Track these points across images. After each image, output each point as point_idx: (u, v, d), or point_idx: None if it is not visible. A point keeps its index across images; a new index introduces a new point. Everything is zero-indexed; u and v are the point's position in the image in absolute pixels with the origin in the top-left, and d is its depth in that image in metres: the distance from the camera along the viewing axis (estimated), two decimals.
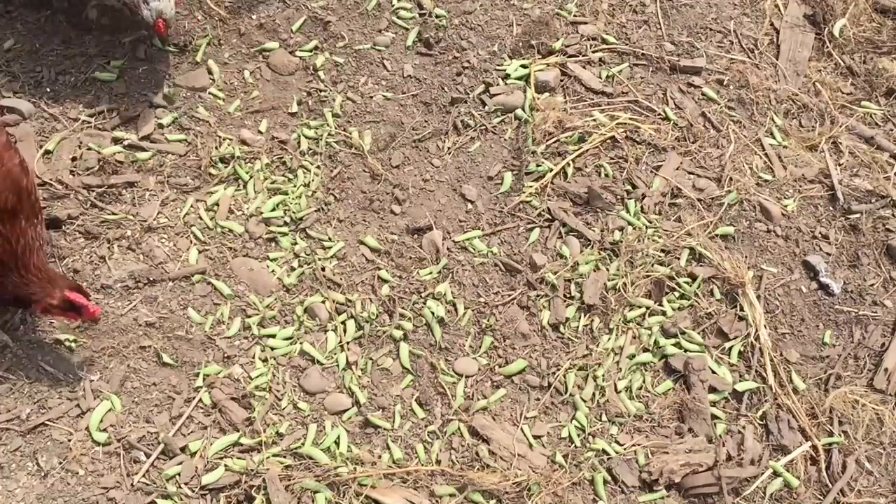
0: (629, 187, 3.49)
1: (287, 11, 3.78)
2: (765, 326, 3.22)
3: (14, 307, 2.89)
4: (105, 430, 2.77)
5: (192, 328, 3.00)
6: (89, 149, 3.29)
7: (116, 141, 3.34)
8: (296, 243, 3.22)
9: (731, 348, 3.19)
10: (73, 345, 2.89)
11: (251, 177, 3.34)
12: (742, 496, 2.92)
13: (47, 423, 2.77)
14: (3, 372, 2.84)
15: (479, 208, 3.41)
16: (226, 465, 2.75)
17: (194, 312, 3.03)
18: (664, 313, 3.23)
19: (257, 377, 2.94)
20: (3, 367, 2.85)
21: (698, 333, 3.20)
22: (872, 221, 3.54)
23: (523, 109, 3.63)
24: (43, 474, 2.70)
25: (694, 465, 2.91)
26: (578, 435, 2.98)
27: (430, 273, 3.22)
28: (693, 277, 3.30)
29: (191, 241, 3.18)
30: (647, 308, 3.23)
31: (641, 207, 3.44)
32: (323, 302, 3.11)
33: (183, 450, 2.77)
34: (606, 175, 3.50)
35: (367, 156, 3.45)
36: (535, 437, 2.96)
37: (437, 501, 2.79)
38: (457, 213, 3.39)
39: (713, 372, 3.12)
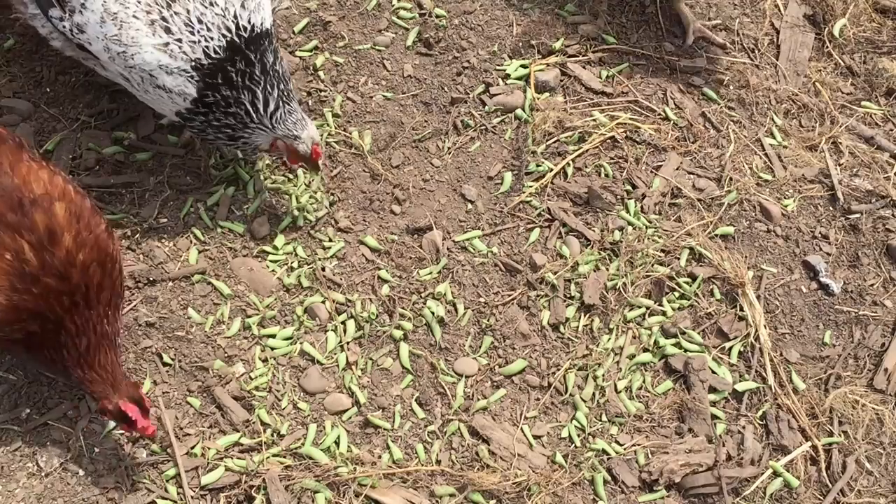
0: (629, 187, 3.49)
1: (287, 11, 3.78)
2: (765, 326, 3.22)
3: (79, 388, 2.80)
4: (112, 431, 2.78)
5: (192, 328, 3.00)
6: (89, 149, 3.29)
7: (116, 141, 3.34)
8: (295, 242, 3.23)
9: (731, 348, 3.19)
10: None
11: (251, 177, 3.34)
12: (742, 496, 2.92)
13: (47, 423, 2.77)
14: (3, 372, 2.84)
15: (479, 208, 3.41)
16: (226, 465, 2.75)
17: (194, 312, 3.03)
18: (664, 313, 3.23)
19: (257, 377, 2.94)
20: (3, 368, 2.85)
21: (698, 333, 3.20)
22: (872, 221, 3.54)
23: (523, 109, 3.63)
24: (43, 474, 2.70)
25: (694, 465, 2.91)
26: (578, 435, 2.98)
27: (430, 273, 3.22)
28: (693, 277, 3.30)
29: (191, 241, 3.17)
30: (647, 308, 3.23)
31: (641, 207, 3.44)
32: (323, 302, 3.11)
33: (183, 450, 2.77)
34: (606, 175, 3.50)
35: (367, 156, 3.45)
36: (535, 437, 2.96)
37: (437, 501, 2.79)
38: (457, 213, 3.39)
39: (713, 372, 3.12)
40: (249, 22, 2.93)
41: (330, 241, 3.26)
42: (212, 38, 2.86)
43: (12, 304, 2.37)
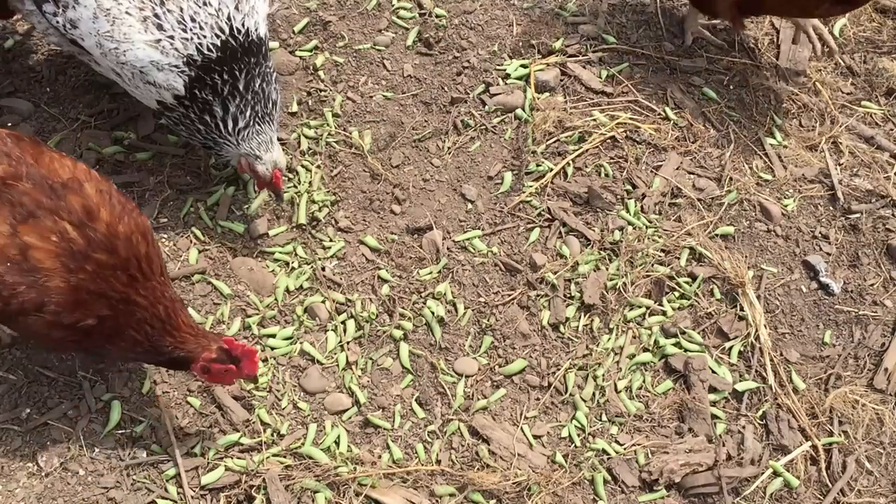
0: (629, 187, 3.49)
1: (287, 11, 3.78)
2: (765, 326, 3.22)
3: (170, 369, 2.80)
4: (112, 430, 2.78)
5: None
6: (89, 149, 3.29)
7: (116, 141, 3.34)
8: (295, 241, 3.23)
9: (731, 348, 3.19)
10: None
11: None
12: (742, 496, 2.92)
13: (47, 423, 2.77)
14: (3, 372, 2.85)
15: (479, 208, 3.41)
16: (226, 465, 2.75)
17: (194, 312, 3.03)
18: (664, 313, 3.23)
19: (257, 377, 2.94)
20: (4, 368, 2.85)
21: (698, 333, 3.20)
22: (872, 221, 3.54)
23: (523, 109, 3.63)
24: (43, 474, 2.70)
25: (694, 464, 2.91)
26: (578, 435, 2.98)
27: (430, 273, 3.22)
28: (693, 277, 3.30)
29: (191, 241, 3.17)
30: (647, 308, 3.23)
31: (641, 207, 3.44)
32: (323, 302, 3.11)
33: (184, 450, 2.77)
34: (606, 175, 3.50)
35: (367, 156, 3.45)
36: (535, 436, 2.96)
37: (437, 501, 2.79)
38: (457, 213, 3.39)
39: (713, 372, 3.12)
40: (244, 25, 2.93)
41: (330, 240, 3.26)
42: (205, 37, 2.86)
43: (70, 285, 2.38)
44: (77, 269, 2.38)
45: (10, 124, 3.30)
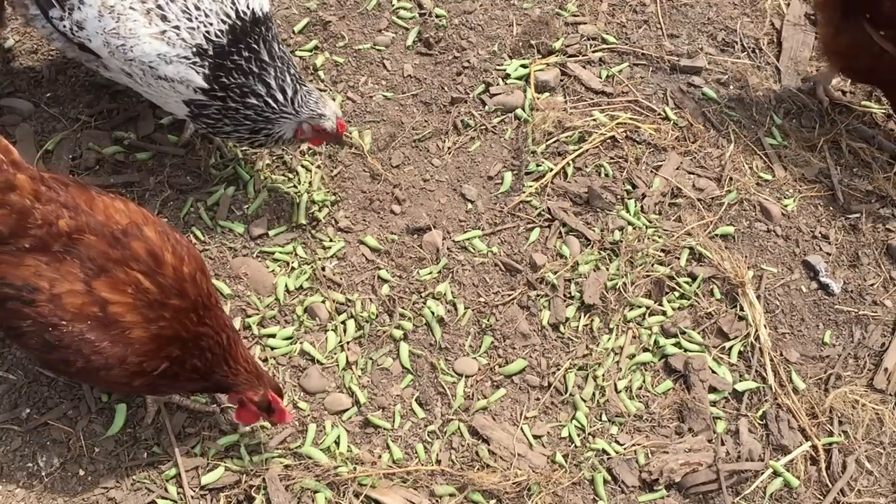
0: (629, 187, 3.49)
1: (287, 11, 3.78)
2: (765, 326, 3.22)
3: (208, 393, 2.80)
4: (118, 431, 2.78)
5: None
6: (89, 149, 3.29)
7: (116, 141, 3.34)
8: (295, 241, 3.23)
9: (731, 348, 3.19)
10: None
11: (251, 177, 3.34)
12: (742, 496, 2.92)
13: (47, 423, 2.77)
14: (3, 372, 2.85)
15: (479, 208, 3.41)
16: (226, 466, 2.75)
17: None
18: (664, 313, 3.23)
19: None
20: (4, 367, 2.85)
21: (698, 333, 3.20)
22: (872, 221, 3.54)
23: (523, 109, 3.63)
24: (43, 474, 2.70)
25: (694, 464, 2.91)
26: (578, 435, 2.98)
27: (430, 273, 3.22)
28: (693, 277, 3.30)
29: (191, 241, 3.17)
30: (647, 308, 3.22)
31: (641, 207, 3.44)
32: (323, 302, 3.11)
33: (184, 450, 2.77)
34: (606, 175, 3.50)
35: (367, 156, 3.45)
36: (535, 436, 2.96)
37: (437, 501, 2.79)
38: (457, 213, 3.39)
39: (713, 372, 3.12)
40: (248, 7, 2.92)
41: (330, 240, 3.26)
42: (211, 24, 2.85)
43: (152, 334, 2.37)
44: (156, 317, 2.37)
45: (14, 128, 3.31)
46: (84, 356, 2.32)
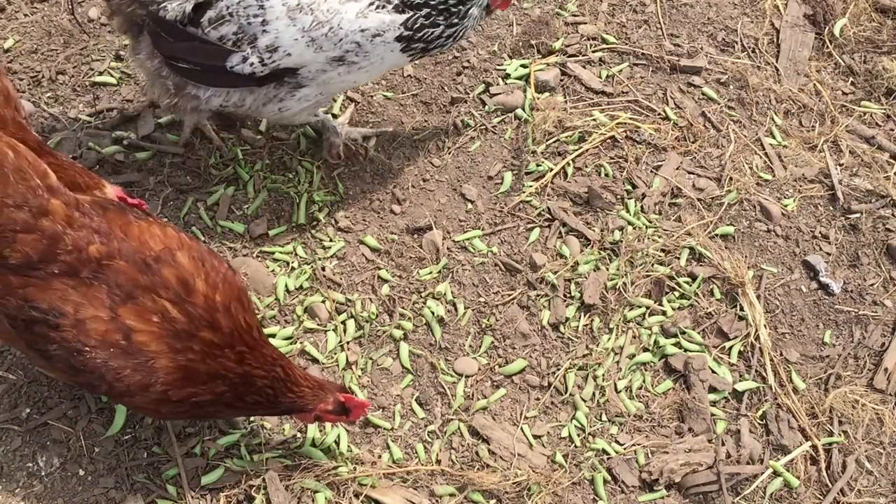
0: (629, 187, 3.50)
1: None
2: (765, 326, 3.22)
3: (281, 416, 2.81)
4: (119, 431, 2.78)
5: None
6: (89, 148, 3.29)
7: (116, 141, 3.34)
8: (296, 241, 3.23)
9: (731, 348, 3.19)
10: None
11: (251, 177, 3.34)
12: (742, 496, 2.92)
13: (47, 423, 2.77)
14: (3, 372, 2.85)
15: (479, 208, 3.41)
16: (226, 465, 2.75)
17: None
18: (664, 313, 3.23)
19: None
20: (4, 367, 2.85)
21: (698, 333, 3.20)
22: (872, 221, 3.54)
23: (523, 109, 3.63)
24: (43, 474, 2.70)
25: (694, 464, 2.91)
26: (578, 435, 2.98)
27: (430, 273, 3.22)
28: (693, 277, 3.30)
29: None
30: (647, 308, 3.23)
31: (641, 207, 3.44)
32: (323, 302, 3.11)
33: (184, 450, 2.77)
34: (606, 175, 3.50)
35: (367, 156, 3.45)
36: (535, 436, 2.96)
37: (437, 501, 2.79)
38: (457, 213, 3.39)
39: (713, 372, 3.12)
40: None
41: (330, 240, 3.26)
42: None
43: (179, 364, 2.34)
44: (184, 348, 2.34)
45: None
46: (107, 382, 2.31)
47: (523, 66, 3.75)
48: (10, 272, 2.24)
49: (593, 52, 3.84)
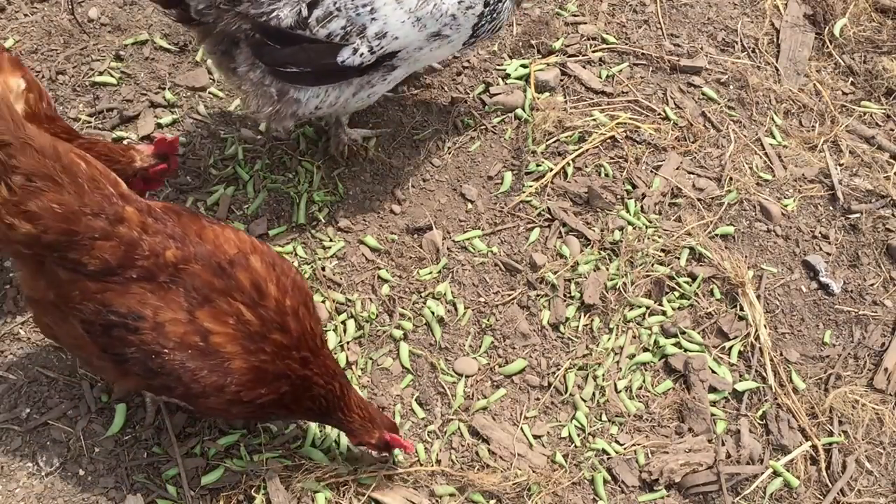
0: (629, 187, 3.49)
1: None
2: (765, 326, 3.22)
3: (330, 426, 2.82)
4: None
5: None
6: None
7: (116, 141, 3.33)
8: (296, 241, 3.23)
9: (731, 348, 3.19)
10: None
11: (251, 177, 3.34)
12: (742, 495, 2.92)
13: (47, 423, 2.77)
14: (3, 372, 2.85)
15: (479, 208, 3.41)
16: (226, 466, 2.75)
17: None
18: (664, 313, 3.23)
19: None
20: (4, 368, 2.85)
21: (698, 333, 3.20)
22: (872, 221, 3.54)
23: (523, 109, 3.63)
24: (43, 474, 2.70)
25: (694, 464, 2.91)
26: (578, 435, 2.98)
27: (430, 273, 3.22)
28: (693, 277, 3.30)
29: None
30: (647, 308, 3.22)
31: (641, 207, 3.44)
32: (323, 301, 3.11)
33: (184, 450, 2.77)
34: (606, 175, 3.50)
35: (367, 156, 3.45)
36: (535, 436, 2.96)
37: (437, 501, 2.79)
38: (457, 213, 3.39)
39: (713, 372, 3.12)
40: None
41: (330, 240, 3.26)
42: None
43: (252, 365, 2.38)
44: (257, 349, 2.38)
45: None
46: (184, 383, 2.35)
47: (523, 66, 3.75)
48: (87, 278, 2.29)
49: (593, 52, 3.84)
